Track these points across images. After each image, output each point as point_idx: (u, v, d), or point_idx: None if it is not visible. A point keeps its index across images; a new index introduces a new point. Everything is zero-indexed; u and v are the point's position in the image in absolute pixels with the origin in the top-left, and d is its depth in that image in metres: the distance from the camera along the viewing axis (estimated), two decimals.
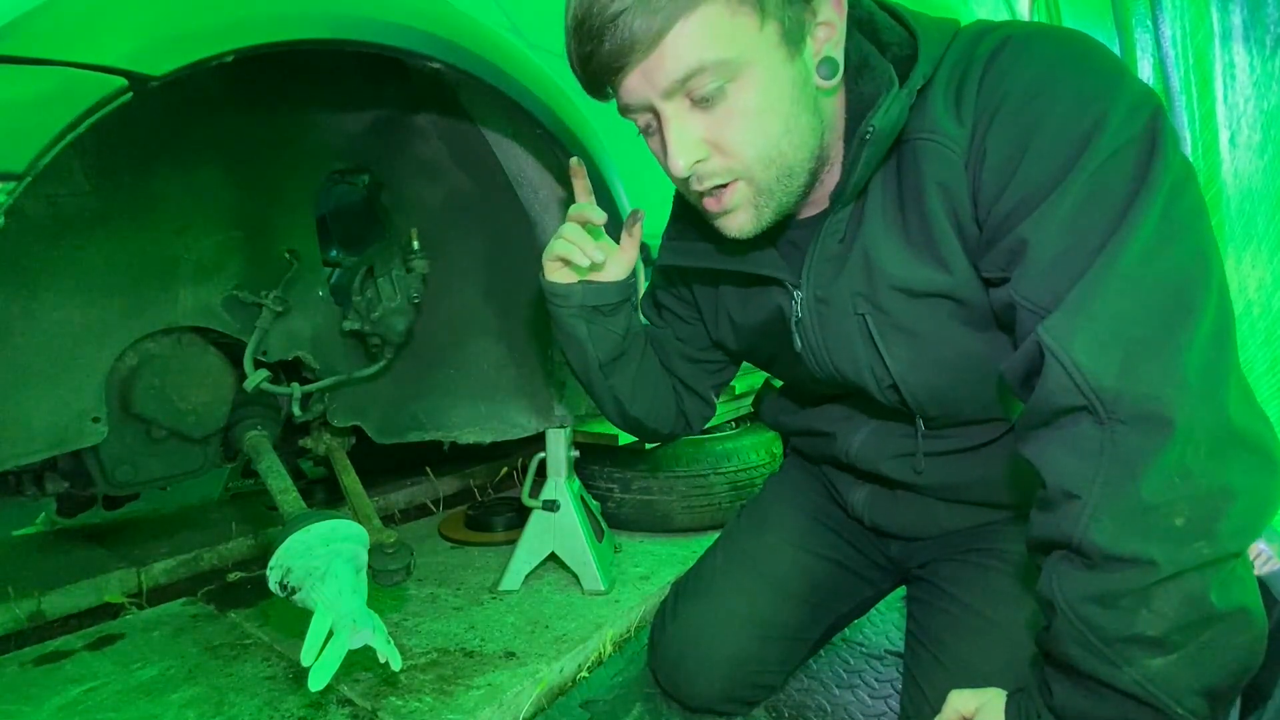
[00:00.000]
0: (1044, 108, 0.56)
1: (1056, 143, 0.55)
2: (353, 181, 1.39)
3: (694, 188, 0.67)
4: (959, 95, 0.61)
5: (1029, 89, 0.57)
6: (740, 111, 0.61)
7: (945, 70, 0.63)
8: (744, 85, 0.60)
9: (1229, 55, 0.86)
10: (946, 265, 0.66)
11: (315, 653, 0.84)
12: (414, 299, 1.33)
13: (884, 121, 0.62)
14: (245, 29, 0.72)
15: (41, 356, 1.04)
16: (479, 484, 2.05)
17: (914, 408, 0.78)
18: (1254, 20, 0.77)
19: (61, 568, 1.37)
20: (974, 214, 0.63)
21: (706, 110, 0.61)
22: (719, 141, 0.63)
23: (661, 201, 0.93)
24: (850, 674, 1.06)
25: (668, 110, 0.61)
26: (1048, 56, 0.58)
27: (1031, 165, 0.56)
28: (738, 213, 0.68)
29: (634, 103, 0.63)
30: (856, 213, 0.71)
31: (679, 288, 0.96)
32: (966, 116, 0.61)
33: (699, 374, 1.01)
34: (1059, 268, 0.54)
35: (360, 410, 1.49)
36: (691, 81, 0.59)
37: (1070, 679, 0.58)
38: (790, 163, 0.65)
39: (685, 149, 0.62)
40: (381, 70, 1.23)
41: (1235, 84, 0.85)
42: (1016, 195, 0.57)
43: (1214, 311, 0.51)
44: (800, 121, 0.63)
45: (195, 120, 1.12)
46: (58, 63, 0.59)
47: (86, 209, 1.03)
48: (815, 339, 0.79)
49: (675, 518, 1.58)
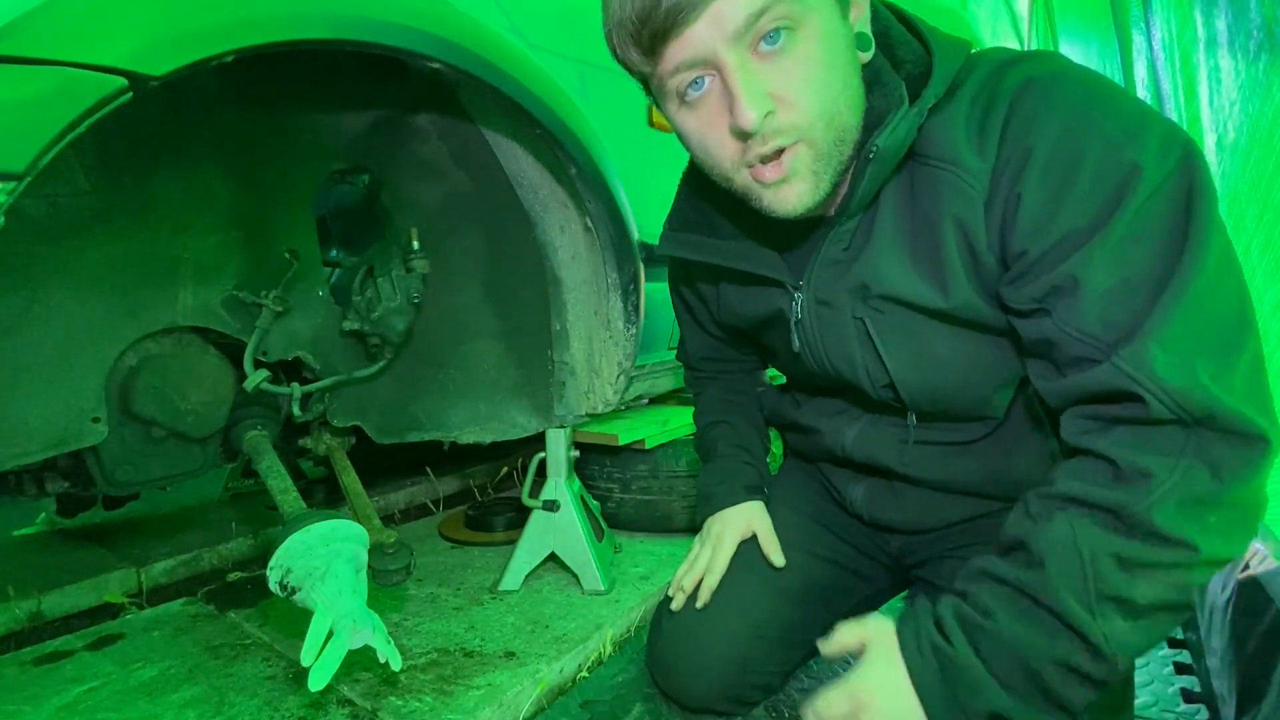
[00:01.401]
0: (1078, 154, 0.58)
1: (1095, 186, 0.57)
2: (353, 181, 1.39)
3: (756, 149, 0.64)
4: (982, 129, 0.62)
5: (1060, 136, 0.58)
6: (805, 59, 0.60)
7: (966, 97, 0.64)
8: (807, 34, 0.60)
9: (1214, 60, 0.86)
10: (946, 290, 0.68)
11: (315, 653, 0.84)
12: (414, 299, 1.33)
13: (889, 141, 0.63)
14: (245, 29, 0.72)
15: (41, 356, 1.03)
16: (479, 484, 2.05)
17: (908, 405, 0.80)
18: (1237, 26, 0.77)
19: (61, 568, 1.37)
20: (994, 249, 0.64)
21: (771, 61, 0.60)
22: (785, 94, 0.61)
23: (662, 201, 0.93)
24: None
25: (733, 60, 0.60)
26: (1074, 100, 0.59)
27: (1072, 208, 0.58)
28: (796, 181, 0.65)
29: (693, 56, 0.61)
30: (865, 224, 0.72)
31: (686, 274, 1.00)
32: (989, 153, 0.62)
33: (732, 353, 1.07)
34: (1114, 302, 0.57)
35: (360, 410, 1.49)
36: (763, 19, 0.58)
37: (1018, 609, 0.59)
38: (846, 124, 0.64)
39: (756, 98, 0.60)
40: (381, 70, 1.23)
41: (1220, 88, 0.85)
42: (1057, 236, 0.59)
43: (1257, 325, 0.56)
44: (854, 82, 0.64)
45: (195, 120, 1.12)
46: (58, 63, 0.59)
47: (86, 209, 1.03)
48: (814, 339, 0.80)
49: (675, 518, 1.58)
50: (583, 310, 1.38)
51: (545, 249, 1.34)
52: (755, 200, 0.69)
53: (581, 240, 1.31)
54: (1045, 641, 0.57)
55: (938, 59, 0.64)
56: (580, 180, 1.20)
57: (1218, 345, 0.54)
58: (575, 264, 1.34)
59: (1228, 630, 0.94)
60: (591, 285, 1.35)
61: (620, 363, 1.37)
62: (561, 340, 1.40)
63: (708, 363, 1.11)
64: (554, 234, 1.33)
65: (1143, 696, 1.00)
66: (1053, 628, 0.57)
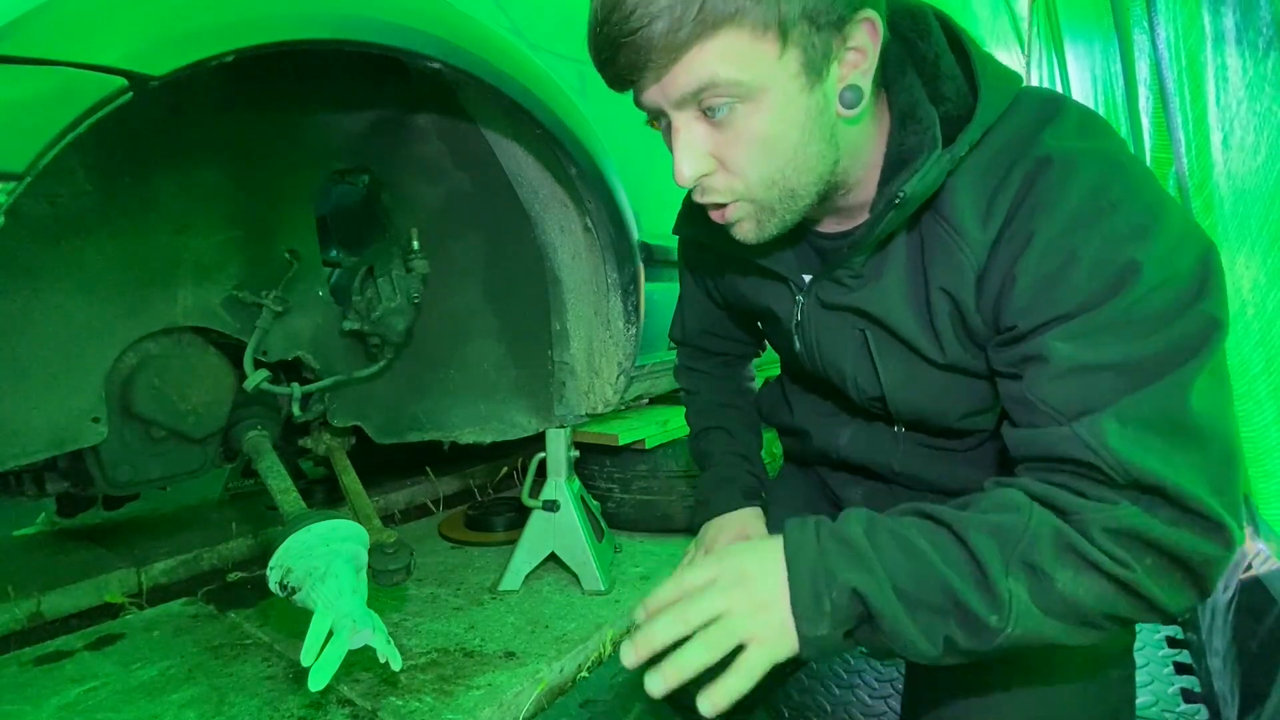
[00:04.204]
0: (1079, 245, 0.57)
1: (1090, 278, 0.56)
2: (353, 181, 1.39)
3: (696, 199, 0.67)
4: (991, 203, 0.62)
5: (1066, 226, 0.57)
6: (748, 135, 0.61)
7: (987, 156, 0.62)
8: (755, 109, 0.59)
9: (1221, 58, 0.85)
10: (941, 349, 0.70)
11: (315, 653, 0.84)
12: (414, 299, 1.33)
13: (917, 187, 0.62)
14: (245, 29, 0.72)
15: (41, 356, 1.03)
16: (479, 484, 2.05)
17: (895, 418, 0.81)
18: (1246, 23, 0.77)
19: (61, 568, 1.37)
20: (986, 317, 0.65)
21: (716, 126, 0.61)
22: (724, 159, 0.63)
23: (661, 201, 0.93)
24: (850, 674, 1.06)
25: (678, 119, 0.62)
26: (1087, 190, 0.57)
27: (1065, 295, 0.57)
28: (741, 224, 0.68)
29: (648, 106, 0.64)
30: (878, 260, 0.71)
31: (700, 248, 0.99)
32: (992, 227, 0.62)
33: (730, 341, 1.07)
34: (1081, 378, 0.56)
35: (360, 410, 1.49)
36: (703, 94, 0.59)
37: (935, 537, 0.56)
38: (793, 186, 0.64)
39: (691, 159, 0.62)
40: (381, 70, 1.23)
41: (1228, 86, 0.84)
42: (1045, 318, 0.59)
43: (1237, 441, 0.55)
44: (809, 150, 0.63)
45: (195, 120, 1.11)
46: (58, 63, 0.59)
47: (86, 209, 1.03)
48: (812, 342, 0.81)
49: (675, 518, 1.58)
50: (583, 310, 1.38)
51: (545, 249, 1.34)
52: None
53: (581, 240, 1.31)
54: (946, 567, 0.54)
55: (982, 103, 0.62)
56: (580, 180, 1.20)
57: (1180, 436, 0.53)
58: (575, 264, 1.34)
59: (1230, 630, 0.93)
60: (591, 285, 1.35)
61: (620, 363, 1.37)
62: (561, 340, 1.40)
63: (705, 336, 1.08)
64: (554, 234, 1.33)
65: (1143, 696, 1.00)
66: (961, 562, 0.54)
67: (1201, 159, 0.99)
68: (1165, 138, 1.18)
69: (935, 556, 0.55)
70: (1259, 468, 0.94)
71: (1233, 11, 0.80)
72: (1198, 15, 0.92)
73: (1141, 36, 1.28)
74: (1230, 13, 0.80)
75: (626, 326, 1.35)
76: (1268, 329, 0.83)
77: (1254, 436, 0.93)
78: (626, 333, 1.35)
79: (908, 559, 0.55)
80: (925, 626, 0.54)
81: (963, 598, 0.53)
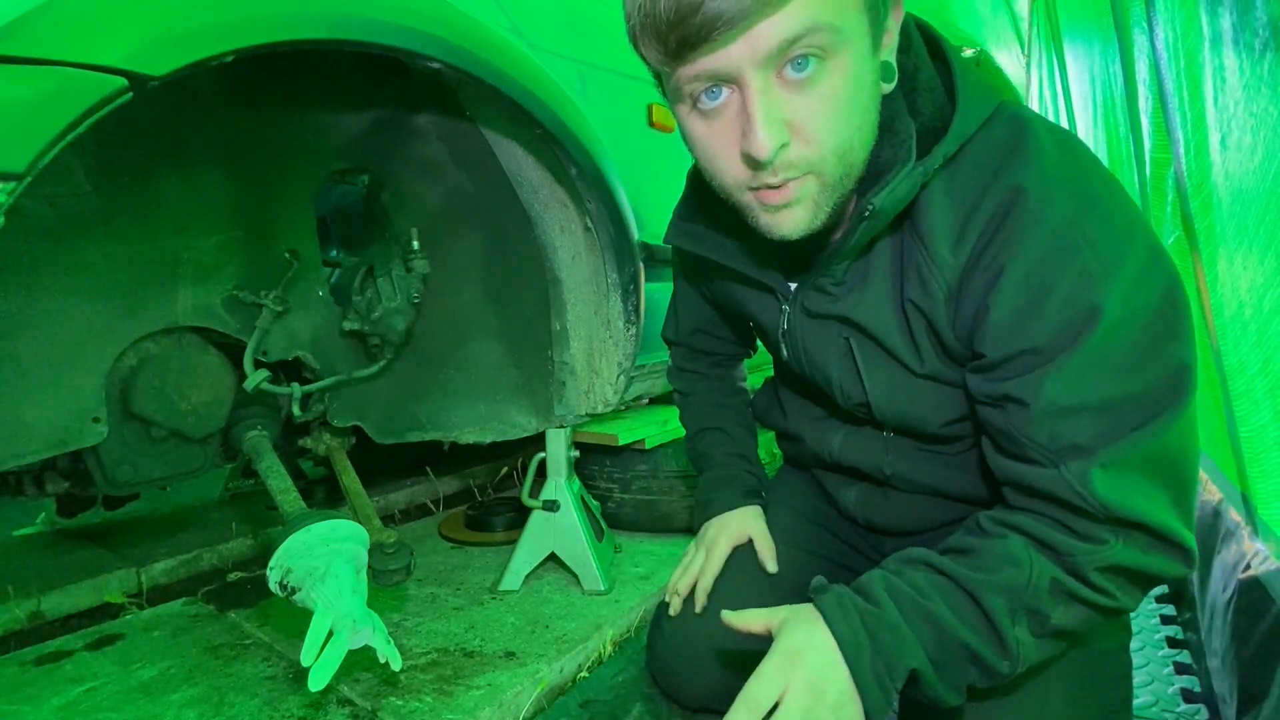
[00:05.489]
0: (1050, 283, 0.58)
1: (1059, 315, 0.58)
2: (353, 181, 1.39)
3: (765, 178, 0.61)
4: (963, 229, 0.63)
5: (1037, 262, 0.59)
6: (829, 94, 0.58)
7: (963, 172, 0.63)
8: (836, 67, 0.57)
9: (1219, 58, 0.85)
10: (920, 360, 0.72)
11: (315, 653, 0.84)
12: (414, 299, 1.33)
13: (886, 202, 0.62)
14: (245, 29, 0.72)
15: (41, 356, 1.03)
16: (479, 484, 2.05)
17: (880, 423, 0.82)
18: (1243, 24, 0.77)
19: (61, 568, 1.37)
20: (960, 335, 0.67)
21: (794, 90, 0.57)
22: (802, 126, 0.59)
23: (662, 201, 0.93)
24: None
25: (758, 82, 0.56)
26: (1058, 225, 0.58)
27: (1035, 331, 0.59)
28: (797, 208, 0.63)
29: (717, 70, 0.57)
30: (861, 268, 0.72)
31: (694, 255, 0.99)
32: (963, 252, 0.63)
33: (723, 342, 1.08)
34: (1063, 421, 0.59)
35: (360, 410, 1.49)
36: (800, 42, 0.55)
37: (953, 600, 0.62)
38: (855, 159, 0.62)
39: (773, 127, 0.57)
40: (381, 70, 1.23)
41: (1225, 87, 0.84)
42: (1016, 349, 0.61)
43: (1195, 458, 0.62)
44: (869, 119, 0.62)
45: (195, 120, 1.11)
46: (58, 63, 0.59)
47: (86, 209, 1.03)
48: (799, 349, 0.82)
49: (675, 518, 1.58)
50: (583, 310, 1.38)
51: (545, 249, 1.34)
52: (751, 219, 0.66)
53: (581, 240, 1.31)
54: (966, 631, 0.61)
55: (959, 115, 0.62)
56: (580, 180, 1.20)
57: (1157, 475, 0.59)
58: (575, 264, 1.34)
59: (1229, 630, 0.93)
60: (591, 285, 1.35)
61: (620, 363, 1.38)
62: (561, 340, 1.40)
63: (698, 336, 1.08)
64: (554, 234, 1.33)
65: (1143, 697, 1.00)
66: (977, 623, 0.61)
67: (1200, 159, 0.99)
68: (1164, 138, 1.18)
69: (955, 621, 0.62)
70: (1257, 467, 0.94)
71: (1229, 13, 0.80)
72: (1195, 15, 0.92)
73: (1141, 37, 1.28)
74: (1227, 14, 0.80)
75: (626, 326, 1.35)
76: (1265, 329, 0.83)
77: (1251, 436, 0.93)
78: (626, 333, 1.35)
79: (933, 630, 0.62)
80: (952, 682, 0.63)
81: (981, 655, 0.61)
